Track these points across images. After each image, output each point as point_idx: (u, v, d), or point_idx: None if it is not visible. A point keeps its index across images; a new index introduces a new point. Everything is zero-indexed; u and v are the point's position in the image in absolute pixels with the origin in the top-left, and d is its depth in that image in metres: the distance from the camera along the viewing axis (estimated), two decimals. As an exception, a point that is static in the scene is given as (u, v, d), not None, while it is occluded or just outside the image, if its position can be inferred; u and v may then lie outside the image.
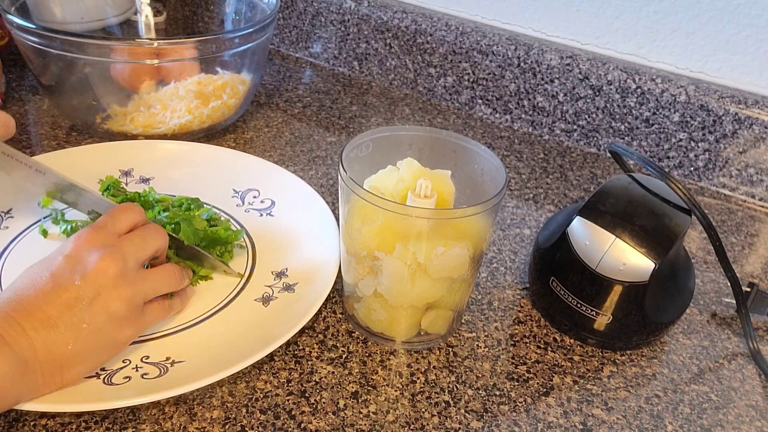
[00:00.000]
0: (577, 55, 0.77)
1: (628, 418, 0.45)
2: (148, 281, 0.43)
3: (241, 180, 0.63)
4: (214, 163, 0.64)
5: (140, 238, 0.44)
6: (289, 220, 0.58)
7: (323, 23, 0.92)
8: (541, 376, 0.48)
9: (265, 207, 0.60)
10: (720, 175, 0.74)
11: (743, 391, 0.49)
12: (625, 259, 0.46)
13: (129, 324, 0.41)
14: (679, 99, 0.73)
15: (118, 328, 0.40)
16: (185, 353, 0.44)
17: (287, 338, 0.45)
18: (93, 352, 0.40)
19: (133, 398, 0.39)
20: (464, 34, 0.82)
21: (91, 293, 0.39)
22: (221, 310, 0.49)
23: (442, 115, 0.85)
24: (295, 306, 0.49)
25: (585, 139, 0.80)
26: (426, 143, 0.49)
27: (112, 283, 0.40)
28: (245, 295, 0.50)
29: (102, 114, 0.69)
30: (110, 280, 0.40)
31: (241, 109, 0.75)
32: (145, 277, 0.43)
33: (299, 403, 0.43)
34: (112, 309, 0.40)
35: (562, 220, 0.52)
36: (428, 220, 0.41)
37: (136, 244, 0.43)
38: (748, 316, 0.53)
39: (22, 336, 0.36)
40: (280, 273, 0.53)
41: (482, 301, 0.54)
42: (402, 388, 0.45)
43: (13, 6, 0.72)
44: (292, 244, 0.56)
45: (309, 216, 0.58)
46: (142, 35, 0.88)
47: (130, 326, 0.41)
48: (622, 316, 0.48)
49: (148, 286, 0.43)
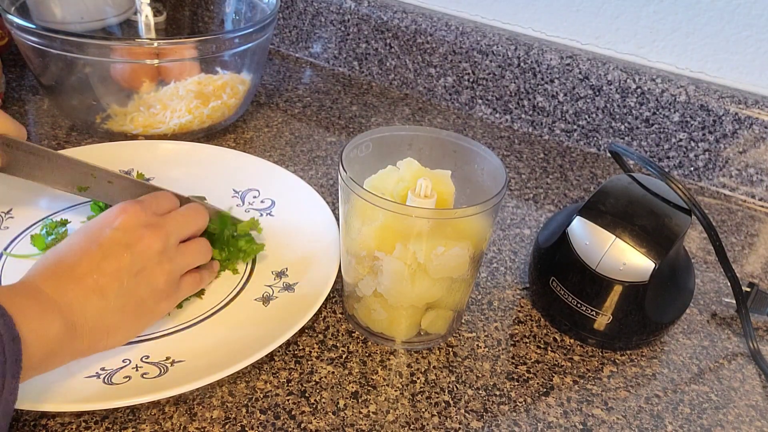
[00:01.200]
0: (577, 55, 0.77)
1: (628, 418, 0.45)
2: (184, 256, 0.46)
3: (241, 180, 0.63)
4: (214, 163, 0.64)
5: (183, 218, 0.47)
6: (289, 219, 0.58)
7: (323, 23, 0.92)
8: (541, 376, 0.47)
9: (265, 207, 0.60)
10: (720, 175, 0.74)
11: (743, 391, 0.49)
12: (625, 259, 0.46)
13: (167, 297, 0.44)
14: (679, 99, 0.73)
15: (158, 300, 0.44)
16: (185, 353, 0.44)
17: (287, 338, 0.45)
18: (135, 320, 0.42)
19: (133, 398, 0.39)
20: (464, 34, 0.82)
21: (138, 266, 0.42)
22: (221, 310, 0.49)
23: (442, 115, 0.85)
24: (295, 305, 0.49)
25: (585, 139, 0.80)
26: (426, 143, 0.49)
27: (157, 259, 0.43)
28: (245, 295, 0.50)
29: (102, 114, 0.69)
30: (155, 256, 0.43)
31: (241, 109, 0.75)
32: (182, 253, 0.46)
33: (299, 403, 0.43)
34: (155, 282, 0.43)
35: (562, 220, 0.52)
36: (428, 220, 0.41)
37: (179, 223, 0.46)
38: (748, 316, 0.53)
39: (74, 301, 0.38)
40: (281, 272, 0.53)
41: (482, 301, 0.54)
42: (402, 388, 0.45)
43: (13, 6, 0.72)
44: (293, 244, 0.56)
45: (309, 216, 0.58)
46: (142, 35, 0.88)
47: (168, 299, 0.45)
48: (622, 316, 0.48)
49: (185, 261, 0.46)
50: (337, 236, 0.54)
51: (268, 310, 0.49)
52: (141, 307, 0.42)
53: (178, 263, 0.45)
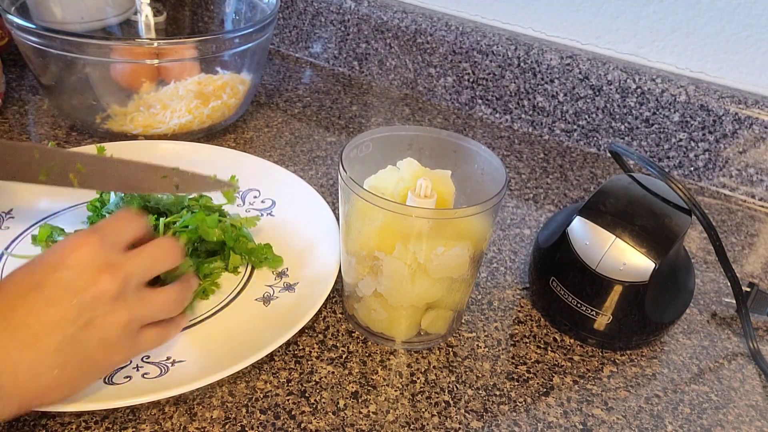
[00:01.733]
0: (577, 55, 0.77)
1: (628, 418, 0.45)
2: (147, 306, 0.39)
3: (241, 180, 0.63)
4: (214, 163, 0.64)
5: (150, 259, 0.39)
6: (289, 219, 0.59)
7: (323, 23, 0.92)
8: (541, 376, 0.47)
9: (265, 207, 0.60)
10: (720, 175, 0.74)
11: (743, 391, 0.49)
12: (625, 259, 0.46)
13: (120, 350, 0.38)
14: (679, 99, 0.73)
15: (108, 354, 0.37)
16: (186, 353, 0.44)
17: (287, 338, 0.45)
18: (78, 378, 0.37)
19: (133, 398, 0.39)
20: (464, 34, 0.82)
21: (87, 316, 0.35)
22: (222, 310, 0.49)
23: (442, 115, 0.85)
24: (295, 305, 0.49)
25: (585, 139, 0.80)
26: (426, 143, 0.49)
27: (110, 307, 0.36)
28: (246, 295, 0.50)
29: (102, 114, 0.69)
30: (108, 302, 0.36)
31: (241, 109, 0.75)
32: (145, 300, 0.39)
33: (299, 403, 0.43)
34: (106, 334, 0.36)
35: (562, 220, 0.52)
36: (428, 220, 0.41)
37: (143, 265, 0.39)
38: (748, 316, 0.53)
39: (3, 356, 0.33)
40: (281, 272, 0.53)
41: (482, 301, 0.54)
42: (402, 388, 0.45)
43: (13, 6, 0.72)
44: (293, 244, 0.56)
45: (309, 216, 0.58)
46: (142, 35, 0.88)
47: (121, 352, 0.38)
48: (622, 316, 0.48)
49: (147, 312, 0.39)
50: (337, 236, 0.54)
51: (269, 310, 0.49)
52: (87, 362, 0.36)
53: (137, 313, 0.38)
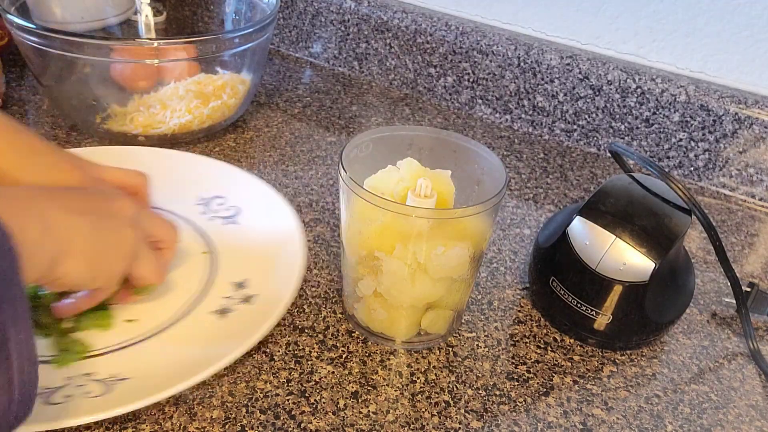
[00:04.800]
0: (577, 55, 0.77)
1: (628, 418, 0.45)
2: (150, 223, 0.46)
3: (207, 187, 0.61)
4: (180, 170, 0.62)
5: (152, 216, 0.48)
6: (253, 228, 0.56)
7: (323, 23, 0.92)
8: (541, 376, 0.48)
9: (229, 215, 0.58)
10: (720, 175, 0.74)
11: (743, 391, 0.49)
12: (625, 259, 0.46)
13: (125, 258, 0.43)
14: (679, 99, 0.73)
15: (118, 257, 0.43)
16: (132, 370, 0.42)
17: (242, 353, 0.43)
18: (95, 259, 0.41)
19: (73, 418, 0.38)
20: (464, 34, 0.82)
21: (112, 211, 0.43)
22: (174, 324, 0.47)
23: (442, 115, 0.85)
24: (252, 319, 0.47)
25: (585, 139, 0.80)
26: (426, 143, 0.49)
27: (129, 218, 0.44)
28: (201, 308, 0.49)
29: (102, 114, 0.69)
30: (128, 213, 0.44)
31: (241, 109, 0.75)
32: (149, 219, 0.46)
33: (299, 403, 0.43)
34: (123, 232, 0.43)
35: (562, 220, 0.52)
36: (428, 220, 0.41)
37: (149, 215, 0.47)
38: (748, 316, 0.53)
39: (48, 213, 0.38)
40: (240, 284, 0.51)
41: (482, 301, 0.54)
42: (402, 388, 0.45)
43: (13, 6, 0.72)
44: (256, 254, 0.53)
45: (273, 224, 0.56)
46: (142, 35, 0.88)
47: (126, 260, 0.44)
48: (622, 316, 0.48)
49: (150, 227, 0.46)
50: (301, 246, 0.53)
51: (225, 324, 0.47)
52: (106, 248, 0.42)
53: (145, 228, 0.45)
